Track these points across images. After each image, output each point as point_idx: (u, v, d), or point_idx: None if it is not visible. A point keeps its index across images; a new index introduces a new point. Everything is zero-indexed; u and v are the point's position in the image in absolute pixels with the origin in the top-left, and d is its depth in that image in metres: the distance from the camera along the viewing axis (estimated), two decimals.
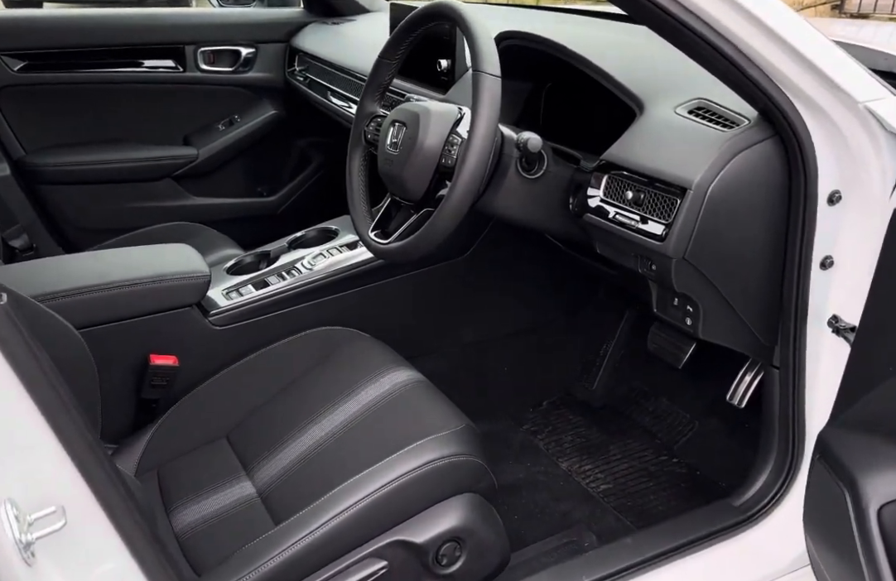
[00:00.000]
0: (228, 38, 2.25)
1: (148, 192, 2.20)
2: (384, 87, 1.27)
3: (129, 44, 2.13)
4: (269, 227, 2.47)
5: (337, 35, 2.20)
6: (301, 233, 1.70)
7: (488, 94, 1.01)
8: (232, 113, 2.32)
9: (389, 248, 1.15)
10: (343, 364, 1.36)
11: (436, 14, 1.13)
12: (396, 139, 1.15)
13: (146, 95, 2.20)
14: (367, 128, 1.28)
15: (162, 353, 1.34)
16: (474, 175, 1.01)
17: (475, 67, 1.02)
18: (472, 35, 1.03)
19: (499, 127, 1.11)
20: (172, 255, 1.42)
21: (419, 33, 1.19)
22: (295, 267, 1.55)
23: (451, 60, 1.47)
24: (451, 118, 1.12)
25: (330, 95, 2.07)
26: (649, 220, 1.00)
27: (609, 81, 1.13)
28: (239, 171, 2.39)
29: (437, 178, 1.12)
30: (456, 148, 1.07)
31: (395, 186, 1.17)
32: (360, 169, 1.30)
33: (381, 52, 1.23)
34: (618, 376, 1.75)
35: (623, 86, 1.10)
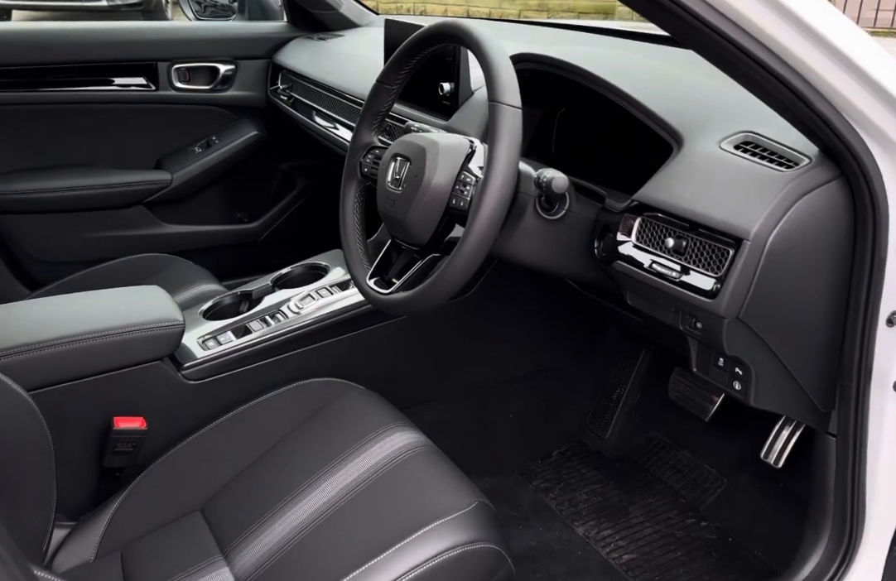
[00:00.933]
0: (205, 53, 2.12)
1: (116, 220, 2.05)
2: (382, 115, 1.15)
3: (97, 60, 1.98)
4: (249, 256, 2.34)
5: (323, 52, 2.07)
6: (286, 269, 1.57)
7: (508, 129, 0.89)
8: (209, 134, 2.19)
9: (391, 300, 1.02)
10: (336, 422, 1.23)
11: (445, 35, 1.01)
12: (399, 176, 1.02)
13: (115, 116, 2.05)
14: (363, 160, 1.16)
15: (127, 415, 1.19)
16: (492, 219, 0.89)
17: (493, 98, 0.90)
18: (489, 61, 0.91)
19: None
20: (140, 300, 1.28)
21: (424, 56, 1.07)
22: (280, 310, 1.41)
23: (454, 83, 1.35)
24: (461, 153, 0.99)
25: (316, 116, 1.95)
26: (693, 271, 0.88)
27: (641, 111, 1.02)
28: (216, 197, 2.25)
29: (446, 220, 1.00)
30: (469, 187, 0.95)
31: (398, 229, 1.04)
32: (354, 206, 1.17)
33: (380, 75, 1.11)
34: (633, 425, 1.63)
35: (658, 116, 0.99)
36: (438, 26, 1.01)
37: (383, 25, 2.12)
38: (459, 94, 1.35)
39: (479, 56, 0.93)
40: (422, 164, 0.98)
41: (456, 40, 0.99)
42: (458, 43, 0.99)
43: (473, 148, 1.00)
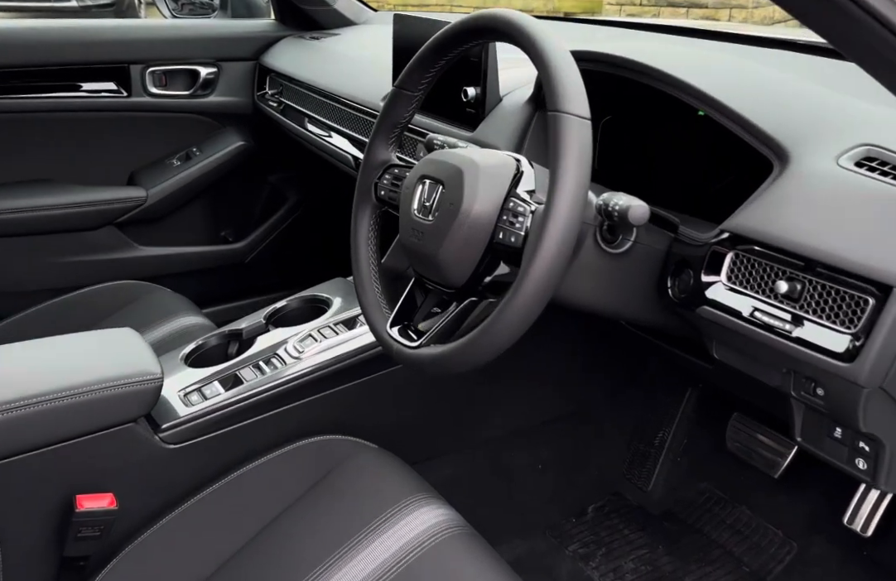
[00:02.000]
0: (184, 55, 1.93)
1: (84, 243, 1.85)
2: (402, 128, 0.97)
3: (60, 63, 1.78)
4: (235, 279, 2.15)
5: (316, 52, 1.89)
6: (282, 303, 1.38)
7: (577, 145, 0.71)
8: (189, 145, 1.99)
9: (422, 356, 0.84)
10: (349, 491, 1.05)
11: (487, 29, 0.83)
12: (429, 203, 0.84)
13: (82, 126, 1.85)
14: (379, 180, 0.97)
15: (93, 492, 1.00)
16: (559, 258, 0.71)
17: (556, 107, 0.73)
18: (548, 62, 0.74)
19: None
20: (108, 348, 1.08)
21: (455, 56, 0.89)
22: (276, 355, 1.22)
23: (480, 88, 1.17)
24: (507, 175, 0.82)
25: (308, 123, 1.76)
26: (810, 323, 0.71)
27: (733, 119, 0.84)
28: (198, 215, 2.05)
29: (489, 258, 0.82)
30: (522, 218, 0.77)
31: (428, 268, 0.86)
32: (369, 236, 0.99)
33: (400, 79, 0.93)
34: (680, 475, 1.46)
35: (756, 126, 0.81)
36: (478, 19, 0.83)
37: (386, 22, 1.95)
38: (487, 100, 1.17)
39: (536, 56, 0.76)
40: (458, 189, 0.80)
41: (502, 36, 0.81)
42: (505, 39, 0.81)
43: (521, 168, 0.83)
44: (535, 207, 0.77)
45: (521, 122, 1.14)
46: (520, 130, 1.13)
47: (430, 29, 1.21)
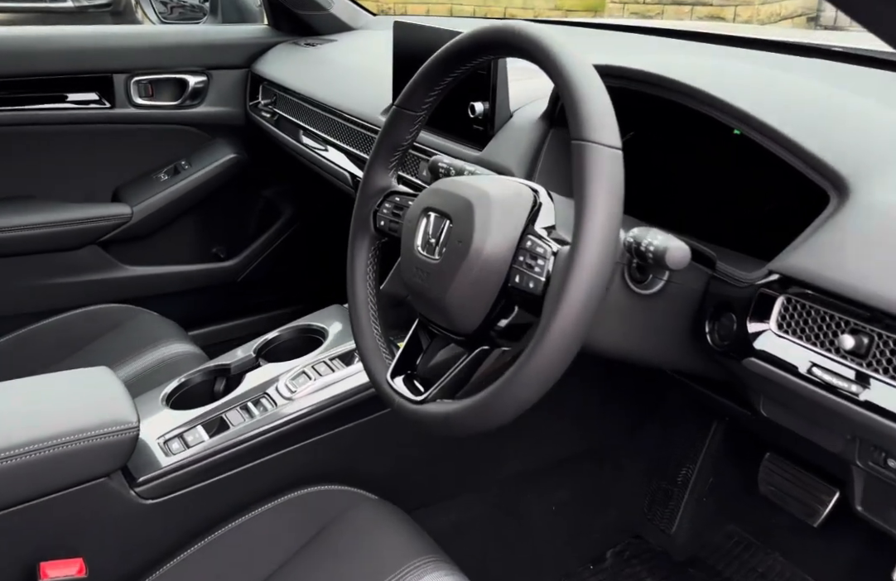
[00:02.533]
0: (171, 63, 1.84)
1: (65, 264, 1.76)
2: (403, 151, 0.87)
3: (39, 73, 1.69)
4: (226, 299, 2.06)
5: (311, 60, 1.80)
6: (273, 334, 1.28)
7: (608, 180, 0.62)
8: (177, 158, 1.90)
9: (428, 414, 0.74)
10: (349, 549, 0.96)
11: (500, 44, 0.73)
12: (435, 238, 0.75)
13: (62, 140, 1.76)
14: (378, 209, 0.88)
15: (60, 556, 0.91)
16: (587, 310, 0.62)
17: (581, 135, 0.63)
18: (572, 83, 0.64)
19: None
20: (78, 391, 0.99)
21: (462, 73, 0.80)
22: (266, 394, 1.12)
23: (489, 103, 1.08)
24: (523, 208, 0.72)
25: (303, 136, 1.67)
26: (881, 383, 0.61)
27: (780, 143, 0.75)
28: (187, 231, 1.96)
29: (503, 303, 0.72)
30: (541, 261, 0.68)
31: (434, 313, 0.77)
32: (367, 272, 0.89)
33: (401, 98, 0.84)
34: (706, 516, 1.36)
35: (810, 153, 0.72)
36: (489, 32, 0.74)
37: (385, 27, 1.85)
38: (496, 116, 1.08)
39: (557, 76, 0.66)
40: (468, 224, 0.71)
41: (516, 51, 0.72)
42: (520, 55, 0.72)
43: (538, 200, 0.73)
44: (556, 248, 0.67)
45: (535, 140, 1.04)
46: (533, 150, 1.04)
47: (434, 39, 1.12)
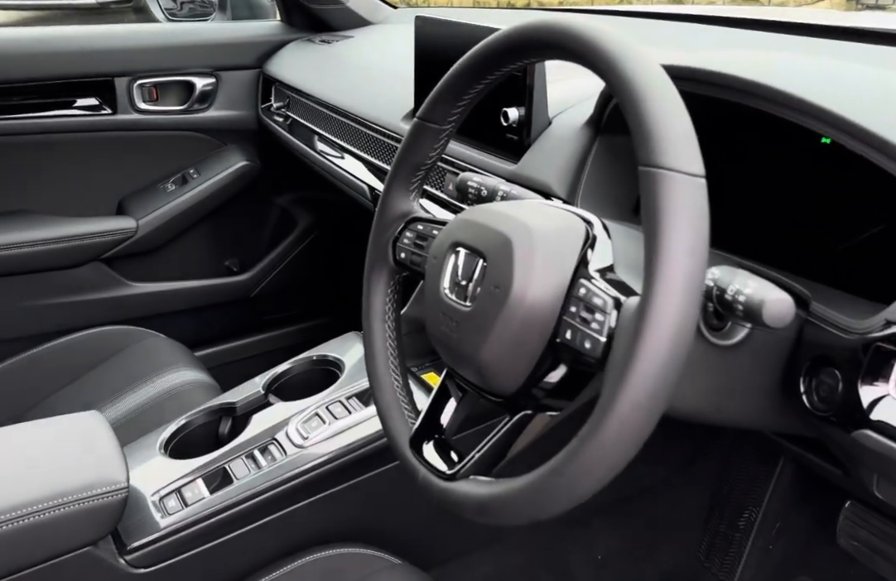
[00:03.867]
0: (177, 64, 1.75)
1: (65, 283, 1.68)
2: (426, 170, 0.76)
3: (35, 78, 1.61)
4: (239, 315, 1.97)
5: (327, 59, 1.69)
6: (284, 367, 1.18)
7: (691, 215, 0.50)
8: (184, 167, 1.82)
9: (461, 496, 0.63)
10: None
11: (546, 44, 0.61)
12: (466, 280, 0.63)
13: (62, 149, 1.68)
14: (398, 238, 0.77)
15: None
16: (668, 373, 0.50)
17: (654, 161, 0.51)
18: (641, 95, 0.52)
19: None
20: (65, 448, 0.90)
21: (496, 80, 0.68)
22: (275, 441, 1.02)
23: (524, 109, 0.96)
24: (573, 245, 0.60)
25: (318, 142, 1.57)
26: None
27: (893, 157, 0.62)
28: (197, 244, 1.87)
29: (550, 360, 0.61)
30: (599, 315, 0.56)
31: (466, 369, 0.65)
32: (386, 311, 0.78)
33: (424, 110, 0.72)
34: (773, 565, 1.23)
35: None
36: (531, 31, 0.62)
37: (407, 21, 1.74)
38: (533, 123, 0.96)
39: (621, 86, 0.54)
40: (506, 265, 0.59)
41: (565, 53, 0.60)
42: (569, 57, 0.59)
43: (592, 234, 0.61)
44: (620, 299, 0.55)
45: (578, 151, 0.92)
46: (576, 162, 0.92)
47: (461, 38, 1.00)
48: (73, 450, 0.89)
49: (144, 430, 1.24)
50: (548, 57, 0.63)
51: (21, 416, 1.37)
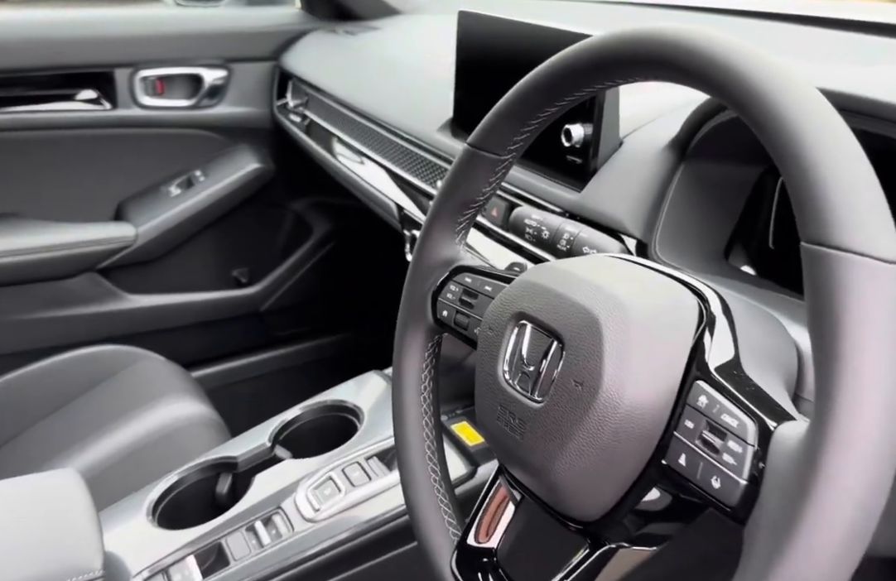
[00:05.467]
0: (185, 55, 1.63)
1: (56, 295, 1.57)
2: (477, 208, 0.62)
3: (26, 68, 1.50)
4: (246, 332, 1.85)
5: (350, 53, 1.56)
6: (294, 413, 1.05)
7: (890, 315, 0.35)
8: (190, 169, 1.70)
9: None
10: None
11: (657, 61, 0.45)
12: (533, 365, 0.50)
13: (54, 148, 1.57)
14: (441, 291, 0.63)
15: None
16: (859, 534, 0.35)
17: (835, 242, 0.36)
18: (812, 148, 0.37)
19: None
20: (29, 523, 0.77)
21: (575, 102, 0.54)
22: (281, 511, 0.89)
23: (592, 126, 0.82)
24: (684, 332, 0.46)
25: (337, 148, 1.44)
26: None
27: None
28: (202, 253, 1.75)
29: (650, 485, 0.46)
30: (735, 445, 0.41)
31: (532, 479, 0.51)
32: (421, 379, 0.65)
33: (478, 135, 0.58)
34: None
35: None
36: (631, 41, 0.47)
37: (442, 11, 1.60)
38: (601, 144, 0.81)
39: (777, 129, 0.39)
40: (594, 357, 0.45)
41: (683, 76, 0.45)
42: (690, 82, 0.45)
43: (709, 314, 0.47)
44: (767, 424, 0.40)
45: (656, 180, 0.78)
46: (654, 193, 0.77)
47: (520, 42, 0.86)
48: (39, 524, 0.77)
49: (132, 475, 1.13)
50: (653, 78, 0.48)
51: (3, 442, 1.27)
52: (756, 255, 0.82)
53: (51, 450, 1.18)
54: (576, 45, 0.50)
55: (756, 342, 0.48)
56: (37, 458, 1.17)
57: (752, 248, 0.83)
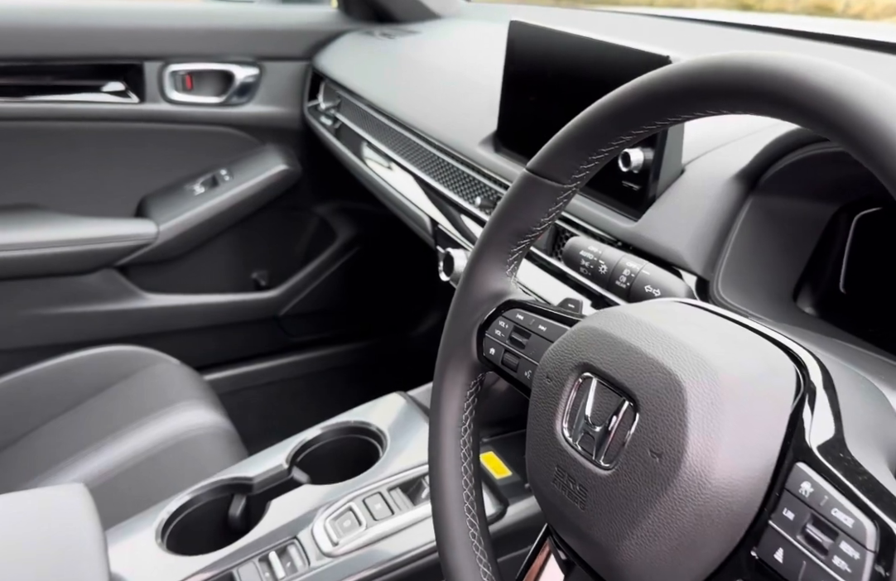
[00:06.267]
0: (216, 50, 1.59)
1: (72, 291, 1.53)
2: (532, 239, 0.57)
3: (54, 57, 1.46)
4: (263, 336, 1.80)
5: (387, 56, 1.51)
6: (313, 433, 1.01)
7: None
8: (216, 167, 1.66)
9: None
10: None
11: (765, 95, 0.39)
12: (600, 425, 0.44)
13: (76, 139, 1.53)
14: (488, 327, 0.58)
15: None
16: None
17: None
18: None
19: None
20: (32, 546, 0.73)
21: (655, 131, 0.48)
22: (297, 541, 0.84)
23: (652, 151, 0.76)
24: (782, 400, 0.41)
25: (367, 151, 1.39)
26: None
27: None
28: (222, 253, 1.71)
29: (732, 570, 0.41)
30: (848, 547, 0.35)
31: (593, 555, 0.45)
32: (462, 419, 0.59)
33: (540, 160, 0.53)
34: None
35: None
36: (734, 70, 0.41)
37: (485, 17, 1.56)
38: (661, 170, 0.76)
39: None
40: (675, 426, 0.40)
41: (795, 114, 0.39)
42: (805, 121, 0.39)
43: (808, 385, 0.41)
44: (889, 525, 0.34)
45: (721, 213, 0.72)
46: (717, 228, 0.72)
47: (581, 59, 0.81)
48: (44, 548, 0.72)
49: (142, 485, 1.09)
50: (752, 112, 0.42)
51: (12, 442, 1.23)
52: (823, 298, 0.76)
53: (61, 452, 1.15)
54: (665, 69, 0.45)
55: (859, 417, 0.42)
56: (45, 460, 1.14)
57: (819, 291, 0.77)
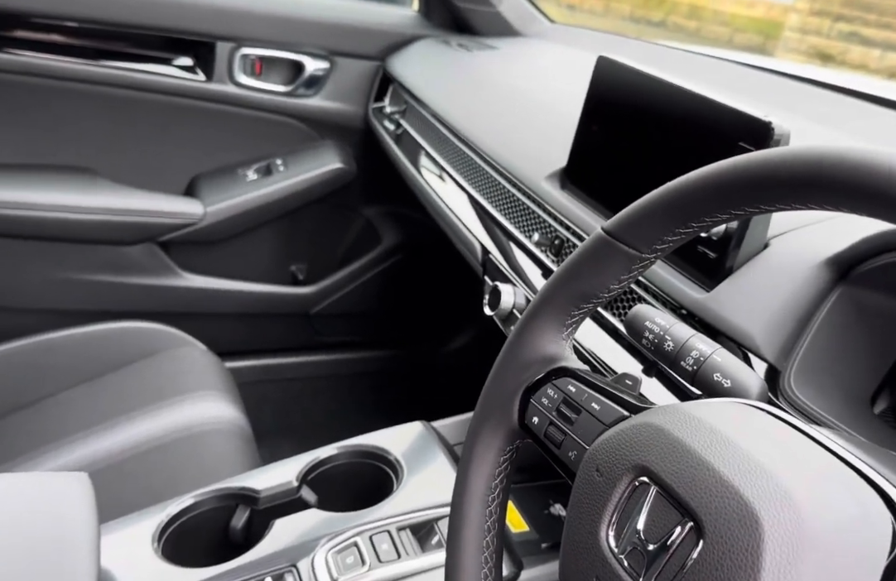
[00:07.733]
0: (290, 39, 1.58)
1: (110, 260, 1.53)
2: (595, 305, 0.51)
3: (126, 24, 1.47)
4: (290, 330, 1.78)
5: (463, 69, 1.47)
6: (327, 452, 0.96)
7: None
8: (272, 156, 1.64)
9: None
10: None
11: (871, 197, 0.35)
12: (654, 544, 0.38)
13: (140, 109, 1.54)
14: (534, 392, 0.52)
15: None
16: None
17: None
18: None
19: None
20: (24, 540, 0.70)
21: (760, 213, 0.43)
22: (295, 570, 0.80)
23: (738, 221, 0.69)
24: (875, 552, 0.35)
25: (423, 161, 1.34)
26: None
27: None
28: (264, 242, 1.70)
29: None
30: None
31: None
32: (491, 487, 0.54)
33: (618, 224, 0.48)
34: None
35: None
36: (872, 169, 0.35)
37: (567, 42, 1.51)
38: (743, 241, 0.69)
39: None
40: (749, 565, 0.35)
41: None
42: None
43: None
44: None
45: (804, 298, 0.65)
46: (797, 314, 0.65)
47: (670, 105, 0.75)
48: (36, 534, 0.69)
49: (148, 475, 1.06)
50: (879, 218, 0.36)
51: (26, 405, 1.22)
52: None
53: (71, 425, 1.13)
54: (783, 151, 0.39)
55: None
56: (54, 431, 1.12)
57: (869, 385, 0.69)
